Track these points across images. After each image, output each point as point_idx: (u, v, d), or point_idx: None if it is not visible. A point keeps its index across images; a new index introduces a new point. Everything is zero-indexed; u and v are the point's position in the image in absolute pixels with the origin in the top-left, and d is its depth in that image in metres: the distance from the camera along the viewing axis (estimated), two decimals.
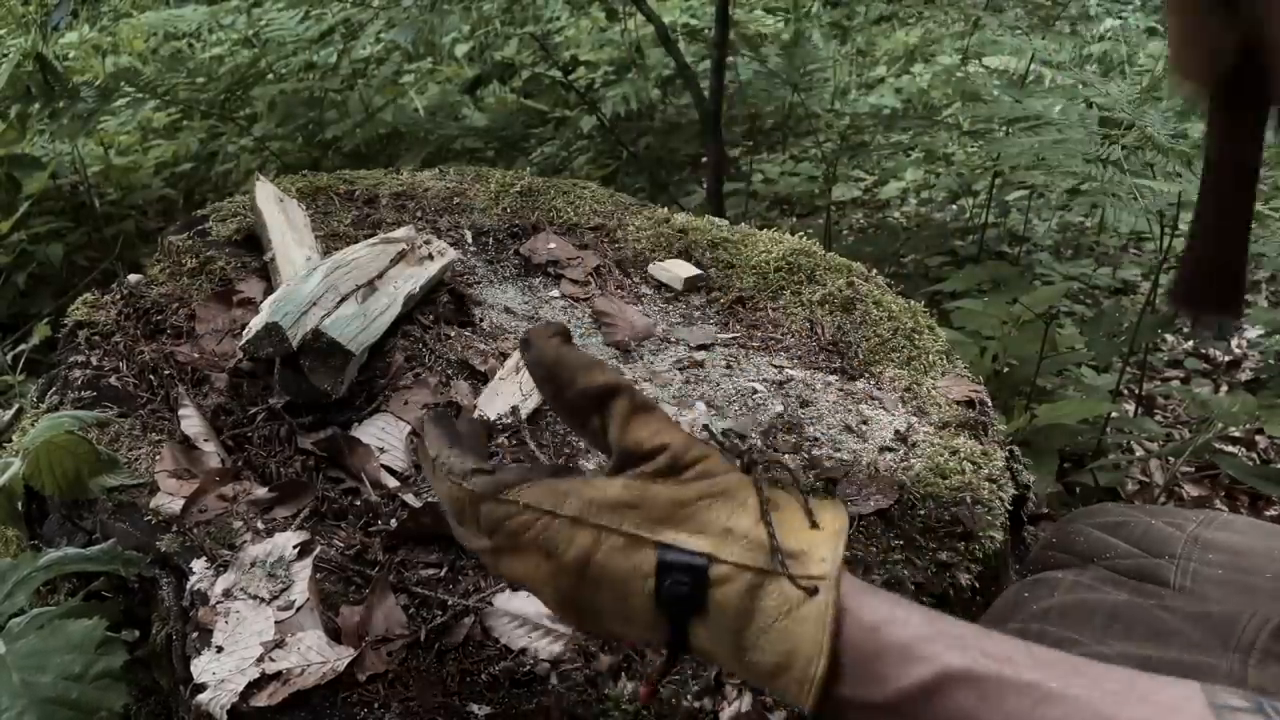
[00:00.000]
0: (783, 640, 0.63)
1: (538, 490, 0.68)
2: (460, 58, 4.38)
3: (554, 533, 0.67)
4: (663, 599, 0.65)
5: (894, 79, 4.44)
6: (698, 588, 0.64)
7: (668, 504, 0.66)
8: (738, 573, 0.64)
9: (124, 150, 3.55)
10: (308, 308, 1.10)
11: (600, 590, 0.67)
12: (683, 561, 0.65)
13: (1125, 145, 2.02)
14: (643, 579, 0.65)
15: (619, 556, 0.66)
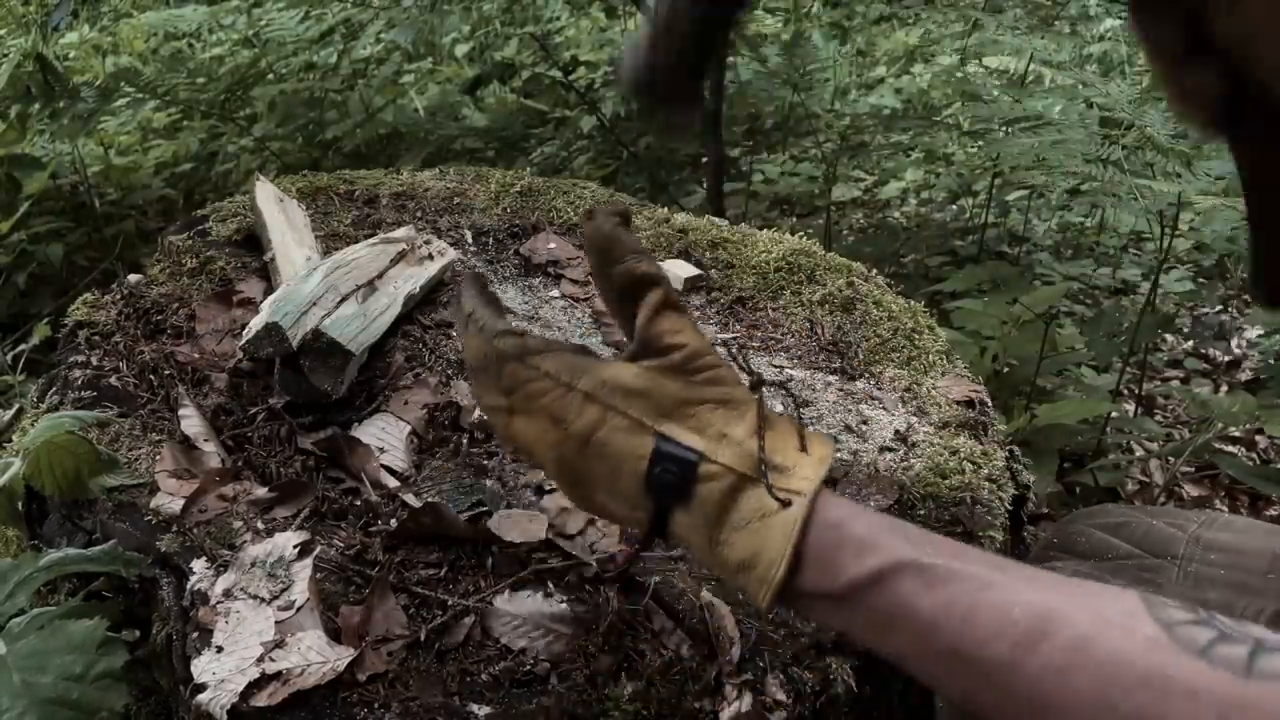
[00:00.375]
0: (752, 541, 0.68)
1: (559, 361, 0.74)
2: (460, 58, 4.38)
3: (566, 403, 0.73)
4: (652, 483, 0.71)
5: (894, 79, 4.44)
6: (685, 479, 0.70)
7: (674, 399, 0.72)
8: (724, 473, 0.70)
9: (124, 150, 3.55)
10: (308, 308, 1.10)
11: (598, 463, 0.73)
12: (677, 454, 0.71)
13: (1125, 145, 2.02)
14: (638, 460, 0.71)
15: (621, 436, 0.72)
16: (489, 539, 0.97)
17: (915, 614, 0.64)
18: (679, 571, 0.95)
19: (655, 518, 0.72)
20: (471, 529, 0.98)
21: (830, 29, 4.30)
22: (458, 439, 1.11)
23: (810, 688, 0.88)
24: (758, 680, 0.87)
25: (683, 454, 0.71)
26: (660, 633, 0.90)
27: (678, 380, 0.73)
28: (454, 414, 1.13)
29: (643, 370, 0.74)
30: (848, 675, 0.89)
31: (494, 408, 0.77)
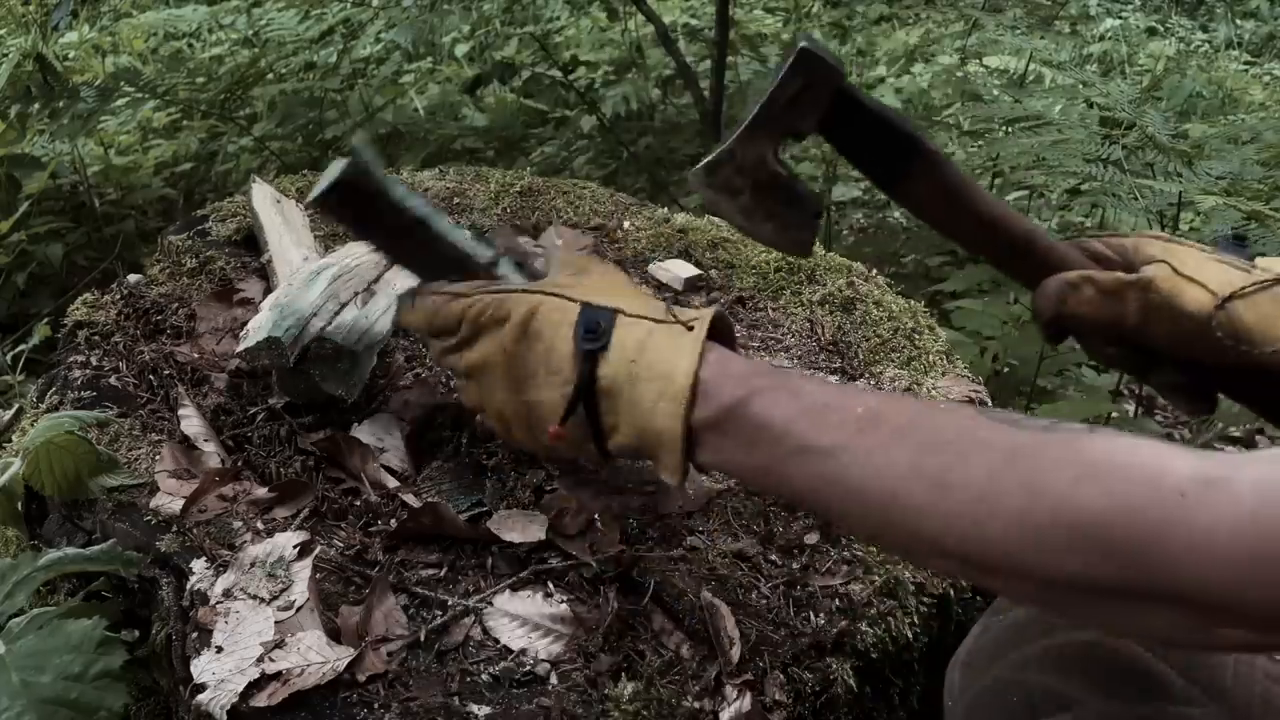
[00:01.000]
0: (665, 361, 0.77)
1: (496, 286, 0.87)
2: (460, 58, 4.38)
3: (508, 302, 0.85)
4: (579, 335, 0.81)
5: (894, 79, 4.44)
6: (606, 327, 0.81)
7: (597, 288, 0.85)
8: (638, 321, 0.81)
9: (124, 150, 3.55)
10: (309, 319, 1.10)
11: (536, 340, 0.82)
12: (597, 315, 0.81)
13: (1125, 145, 2.02)
14: (569, 325, 0.81)
15: (555, 311, 0.83)
16: (489, 539, 0.97)
17: (771, 423, 0.72)
18: (679, 571, 0.95)
19: (583, 376, 0.80)
20: (471, 529, 0.98)
21: (830, 29, 4.30)
22: (458, 439, 1.11)
23: (810, 688, 0.88)
24: (758, 680, 0.87)
25: (603, 314, 0.82)
26: (660, 633, 0.90)
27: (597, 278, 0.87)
28: (454, 414, 1.13)
29: (566, 276, 0.87)
30: (848, 675, 0.89)
31: (446, 350, 0.89)
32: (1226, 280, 0.86)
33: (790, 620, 0.92)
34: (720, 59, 2.95)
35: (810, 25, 4.38)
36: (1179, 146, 2.03)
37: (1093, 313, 0.91)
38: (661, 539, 0.99)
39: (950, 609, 0.98)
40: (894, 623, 0.93)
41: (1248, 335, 0.85)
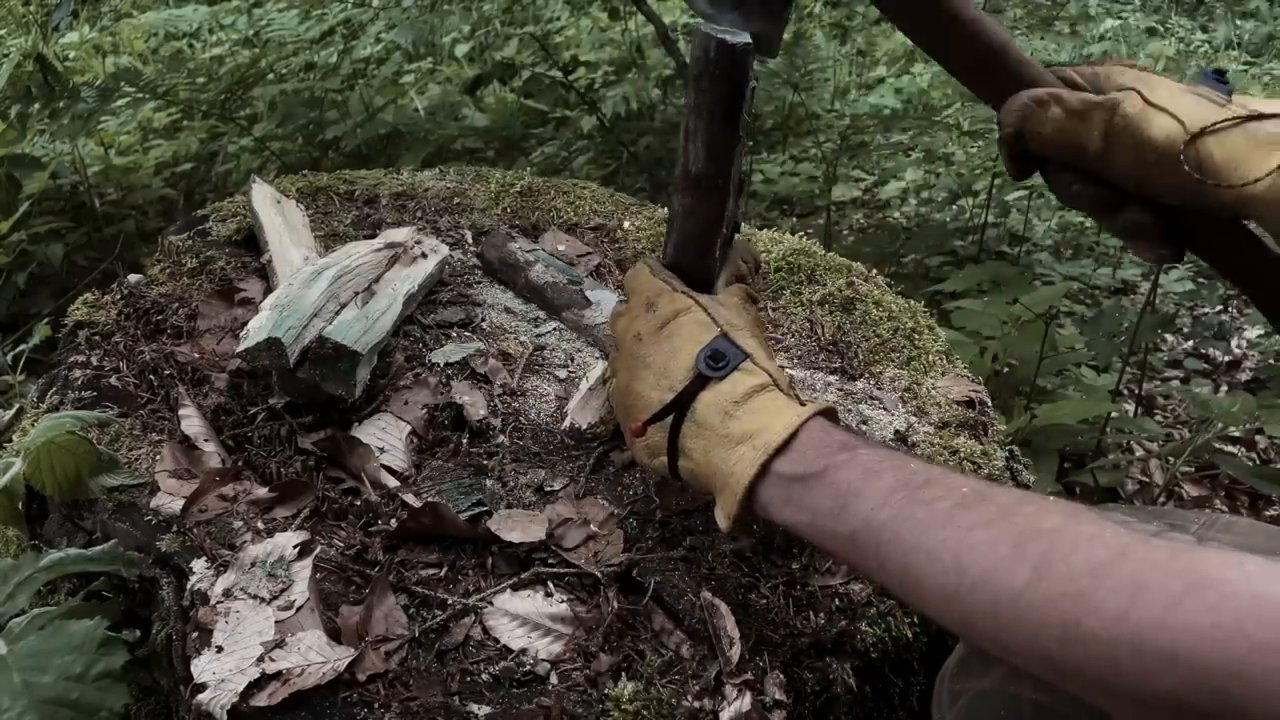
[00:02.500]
0: (760, 418, 0.79)
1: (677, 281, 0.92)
2: (460, 58, 4.38)
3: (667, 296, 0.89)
4: (704, 355, 0.83)
5: (894, 79, 4.44)
6: (730, 362, 0.83)
7: (752, 323, 0.89)
8: (760, 373, 0.83)
9: (124, 150, 3.55)
10: (309, 320, 1.10)
11: (666, 341, 0.86)
12: (729, 349, 0.84)
13: None
14: (698, 343, 0.84)
15: (696, 325, 0.86)
16: (489, 539, 0.97)
17: (867, 490, 0.71)
18: (679, 571, 0.95)
19: (688, 389, 0.83)
20: (471, 529, 0.98)
21: (830, 29, 4.30)
22: (458, 439, 1.11)
23: (810, 688, 0.88)
24: (758, 680, 0.87)
25: (735, 351, 0.84)
26: (660, 633, 0.90)
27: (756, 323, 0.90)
28: (454, 414, 1.13)
29: (745, 295, 0.92)
30: (848, 675, 0.89)
31: (617, 312, 0.95)
32: (1200, 114, 0.83)
33: (790, 620, 0.92)
34: None
35: (810, 25, 4.38)
36: None
37: (1056, 135, 0.88)
38: (661, 539, 0.99)
39: None
40: (894, 623, 0.93)
41: (1215, 172, 0.81)
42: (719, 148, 0.91)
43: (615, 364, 0.93)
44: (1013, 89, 0.91)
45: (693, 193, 0.93)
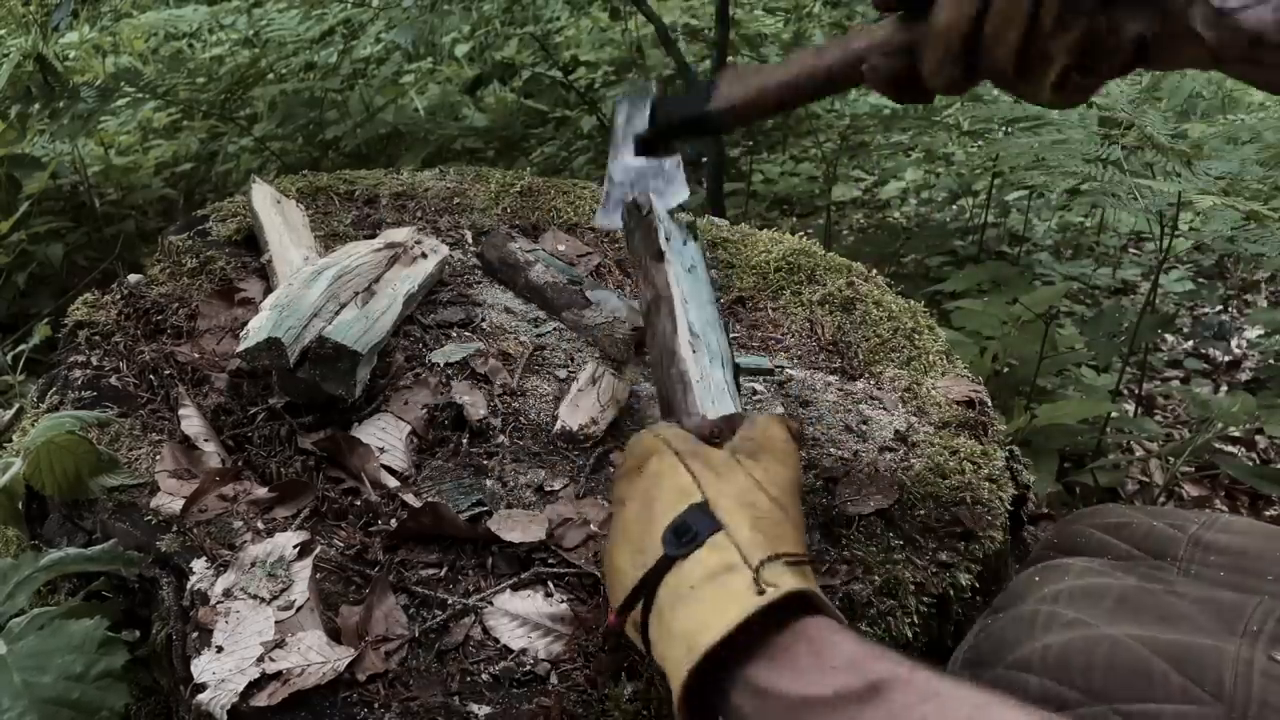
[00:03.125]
0: (703, 609, 0.70)
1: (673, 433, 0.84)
2: (460, 58, 4.38)
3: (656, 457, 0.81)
4: (671, 528, 0.75)
5: None
6: (697, 537, 0.74)
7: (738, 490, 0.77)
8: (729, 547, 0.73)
9: (124, 150, 3.55)
10: (309, 320, 1.10)
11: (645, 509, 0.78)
12: (703, 517, 0.75)
13: (1125, 145, 2.02)
14: (677, 498, 0.77)
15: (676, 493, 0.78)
16: (489, 539, 0.97)
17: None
18: None
19: (654, 570, 0.75)
20: (471, 529, 0.98)
21: (830, 29, 4.30)
22: (458, 439, 1.11)
23: None
24: None
25: (709, 520, 0.75)
26: None
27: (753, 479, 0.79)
28: (454, 414, 1.13)
29: (731, 455, 0.81)
30: None
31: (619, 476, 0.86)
32: None
33: None
34: (720, 59, 2.95)
35: (810, 25, 4.38)
36: (1178, 146, 2.03)
37: None
38: None
39: (950, 609, 0.98)
40: (894, 623, 0.93)
41: None
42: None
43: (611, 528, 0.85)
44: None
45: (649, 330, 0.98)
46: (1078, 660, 0.76)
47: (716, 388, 0.95)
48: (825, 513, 1.01)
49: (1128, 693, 0.74)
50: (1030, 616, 0.82)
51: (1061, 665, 0.77)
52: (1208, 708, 0.72)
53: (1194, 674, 0.73)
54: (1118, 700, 0.74)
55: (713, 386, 0.95)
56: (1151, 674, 0.74)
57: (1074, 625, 0.79)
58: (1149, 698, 0.73)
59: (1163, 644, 0.75)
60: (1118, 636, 0.77)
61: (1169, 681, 0.73)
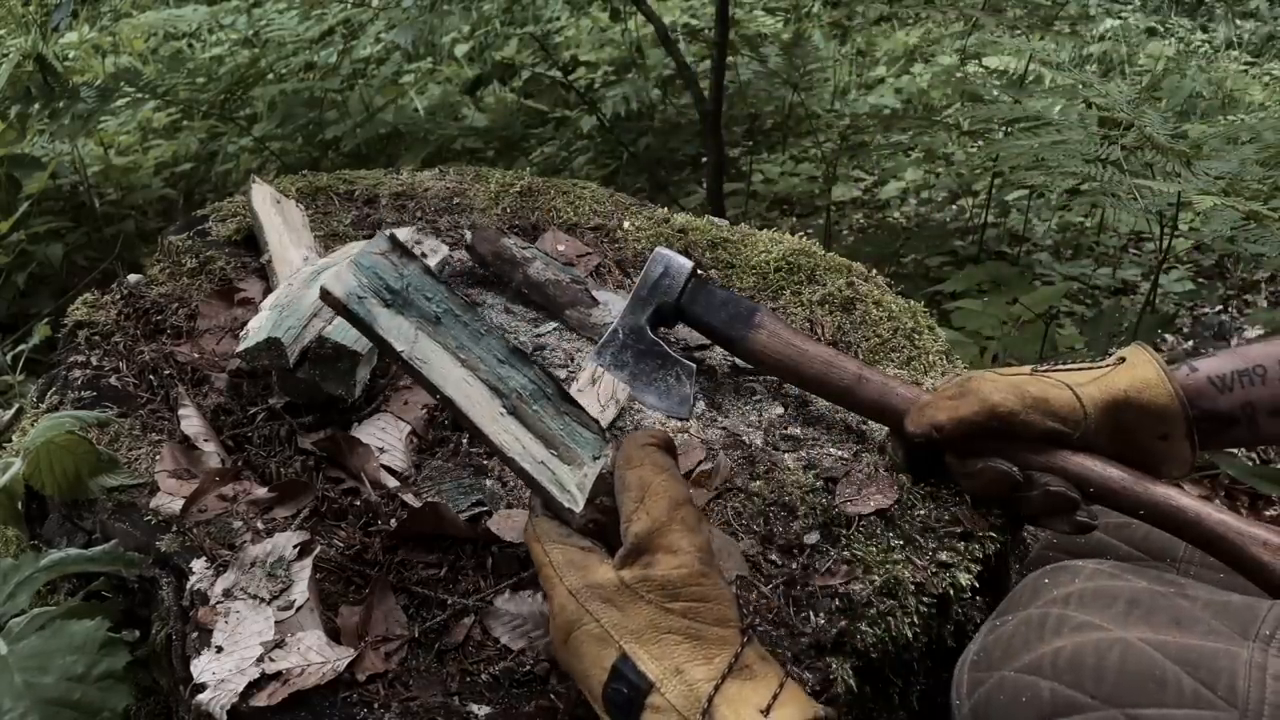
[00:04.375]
0: None
1: (563, 554, 0.81)
2: (460, 58, 4.38)
3: (556, 595, 0.79)
4: (608, 697, 0.76)
5: (894, 79, 4.44)
6: (634, 705, 0.74)
7: (645, 623, 0.77)
8: (669, 710, 0.73)
9: (124, 150, 3.55)
10: (309, 320, 1.10)
11: (574, 659, 0.78)
12: (632, 677, 0.75)
13: (1125, 145, 2.02)
14: (601, 669, 0.76)
15: (593, 641, 0.77)
16: (489, 539, 0.97)
17: None
18: None
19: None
20: (471, 529, 0.98)
21: (830, 29, 4.30)
22: (458, 439, 1.11)
23: (810, 687, 0.88)
24: None
25: (635, 679, 0.75)
26: None
27: (653, 602, 0.77)
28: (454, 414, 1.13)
29: (622, 583, 0.78)
30: (848, 675, 0.89)
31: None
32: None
33: (790, 620, 0.92)
34: (720, 59, 2.95)
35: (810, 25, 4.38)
36: (1178, 147, 2.03)
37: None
38: None
39: (950, 609, 0.98)
40: (894, 623, 0.93)
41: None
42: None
43: None
44: (872, 410, 1.08)
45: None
46: (1089, 664, 0.76)
47: (573, 440, 0.89)
48: (825, 513, 1.01)
49: (1140, 697, 0.74)
50: (1040, 619, 0.82)
51: (1073, 669, 0.77)
52: (1220, 713, 0.71)
53: (1206, 679, 0.73)
54: (1129, 705, 0.73)
55: (572, 442, 0.88)
56: (1164, 678, 0.74)
57: (1085, 628, 0.79)
58: (1161, 702, 0.73)
59: (1175, 648, 0.75)
60: (1130, 640, 0.76)
61: (1181, 686, 0.73)
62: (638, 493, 0.82)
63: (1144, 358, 0.99)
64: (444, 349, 0.87)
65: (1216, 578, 0.96)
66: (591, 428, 0.90)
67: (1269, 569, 0.89)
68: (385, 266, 0.87)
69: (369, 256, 0.86)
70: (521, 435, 0.86)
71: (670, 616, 0.77)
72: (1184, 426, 0.96)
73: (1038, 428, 0.96)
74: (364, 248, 0.88)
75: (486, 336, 0.90)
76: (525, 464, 0.84)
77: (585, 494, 0.84)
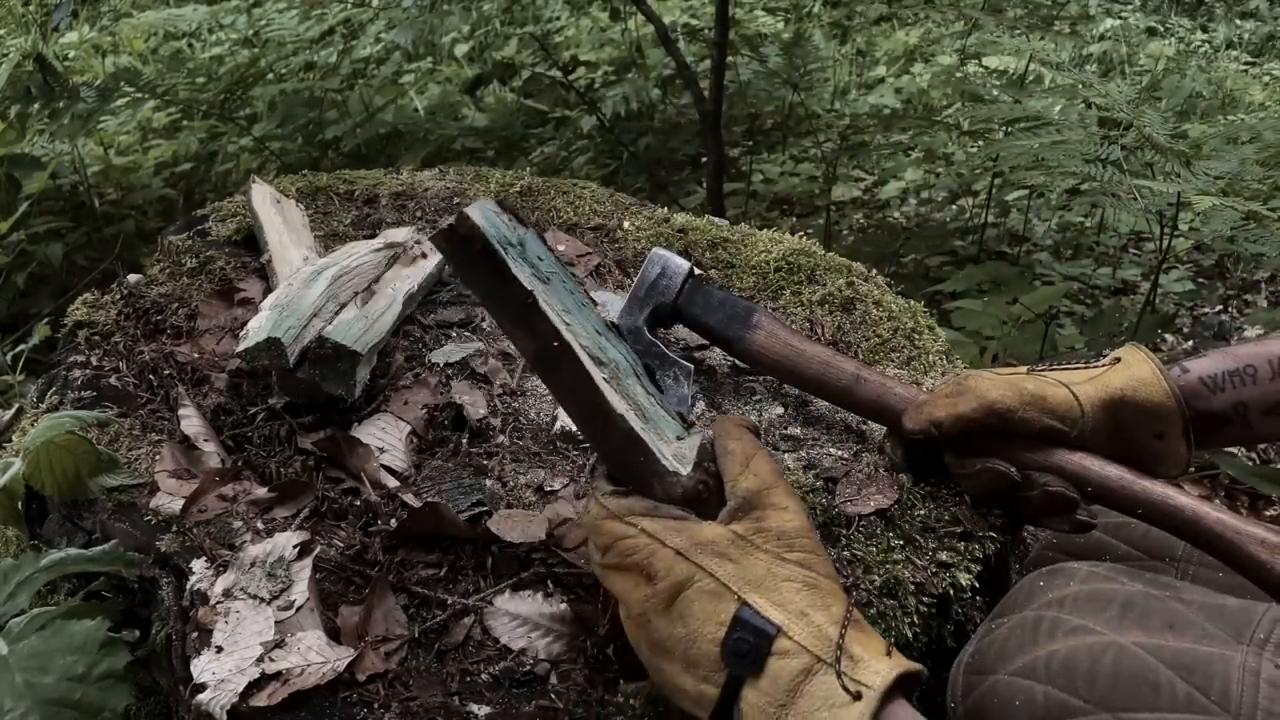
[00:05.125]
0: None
1: (655, 521, 0.78)
2: (460, 58, 4.39)
3: (658, 559, 0.76)
4: (728, 648, 0.73)
5: (894, 79, 4.44)
6: (760, 651, 0.72)
7: (764, 572, 0.75)
8: (799, 651, 0.72)
9: (124, 150, 3.55)
10: (309, 320, 1.10)
11: (679, 624, 0.75)
12: (756, 623, 0.73)
13: (1124, 145, 2.02)
14: (718, 625, 0.73)
15: (706, 597, 0.75)
16: (489, 539, 0.97)
17: None
18: None
19: (726, 689, 0.73)
20: (471, 529, 0.98)
21: (830, 29, 4.31)
22: (458, 439, 1.11)
23: None
24: None
25: (762, 625, 0.73)
26: None
27: (770, 552, 0.76)
28: (454, 414, 1.13)
29: (736, 536, 0.77)
30: None
31: (596, 563, 0.82)
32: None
33: None
34: (720, 59, 2.95)
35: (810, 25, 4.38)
36: (1177, 147, 2.03)
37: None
38: None
39: (950, 609, 0.98)
40: (894, 623, 0.93)
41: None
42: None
43: (627, 626, 0.81)
44: (871, 410, 1.08)
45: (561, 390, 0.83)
46: (1083, 667, 0.76)
47: (659, 418, 0.86)
48: (825, 513, 1.01)
49: (1133, 701, 0.74)
50: (1034, 622, 0.82)
51: (1066, 672, 0.77)
52: (1214, 717, 0.71)
53: (1200, 683, 0.73)
54: (1123, 709, 0.73)
55: (658, 420, 0.86)
56: (1157, 682, 0.74)
57: (1079, 632, 0.79)
58: (1155, 706, 0.73)
59: (1169, 652, 0.75)
60: (1123, 644, 0.76)
61: (1175, 690, 0.73)
62: (742, 457, 0.82)
63: (1139, 357, 0.99)
64: (552, 310, 0.82)
65: (1215, 577, 0.96)
66: (671, 412, 0.90)
67: (1267, 568, 0.89)
68: (503, 221, 0.85)
69: (489, 207, 0.84)
70: (621, 403, 0.82)
71: (787, 565, 0.76)
72: (1180, 425, 0.97)
73: (1035, 425, 0.96)
74: (478, 202, 0.85)
75: (585, 308, 0.88)
76: (635, 425, 0.80)
77: (686, 464, 0.81)
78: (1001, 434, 0.98)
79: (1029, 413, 0.96)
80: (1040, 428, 0.97)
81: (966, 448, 0.99)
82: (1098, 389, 0.97)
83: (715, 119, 3.01)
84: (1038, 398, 0.97)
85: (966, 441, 0.99)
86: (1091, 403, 0.97)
